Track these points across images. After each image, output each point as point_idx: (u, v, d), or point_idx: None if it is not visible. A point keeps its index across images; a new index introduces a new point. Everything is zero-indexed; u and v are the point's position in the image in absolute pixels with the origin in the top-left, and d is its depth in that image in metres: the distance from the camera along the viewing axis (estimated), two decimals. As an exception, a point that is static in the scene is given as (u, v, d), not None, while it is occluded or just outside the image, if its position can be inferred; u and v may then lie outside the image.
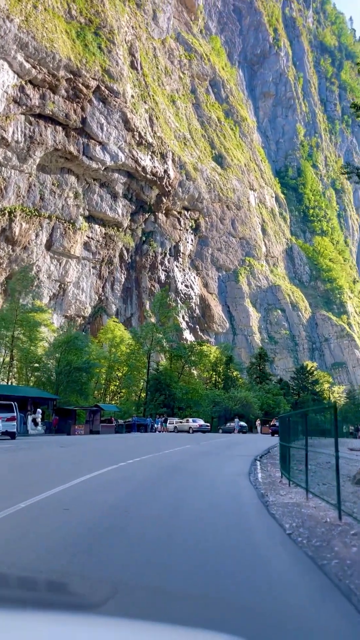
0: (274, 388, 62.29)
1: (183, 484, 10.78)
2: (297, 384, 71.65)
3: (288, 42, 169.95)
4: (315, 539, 6.33)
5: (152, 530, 6.34)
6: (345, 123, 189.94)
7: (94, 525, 6.41)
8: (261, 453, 21.82)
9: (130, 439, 31.74)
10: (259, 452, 22.30)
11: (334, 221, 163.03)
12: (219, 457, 19.37)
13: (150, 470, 13.26)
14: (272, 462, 18.05)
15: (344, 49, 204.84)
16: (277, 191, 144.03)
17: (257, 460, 18.12)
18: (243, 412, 53.06)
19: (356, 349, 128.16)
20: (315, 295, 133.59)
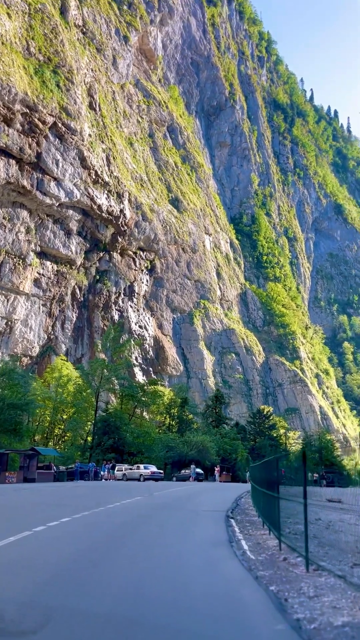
0: (230, 432, 59.48)
1: (128, 573, 6.74)
2: (253, 428, 69.33)
3: (243, 96, 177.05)
4: None
5: None
6: (297, 175, 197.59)
7: None
8: (230, 506, 18.90)
9: (68, 489, 27.82)
10: (226, 504, 19.35)
11: (286, 268, 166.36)
12: (181, 513, 15.88)
13: (79, 541, 9.19)
14: (248, 520, 15.14)
15: (296, 107, 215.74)
16: (232, 237, 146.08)
17: (230, 517, 15.19)
18: (199, 458, 49.64)
19: (309, 394, 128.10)
20: (269, 340, 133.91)
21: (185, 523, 13.16)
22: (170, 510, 16.68)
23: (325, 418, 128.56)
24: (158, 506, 18.10)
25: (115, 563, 7.29)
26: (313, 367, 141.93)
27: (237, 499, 22.44)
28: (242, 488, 34.72)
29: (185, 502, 20.36)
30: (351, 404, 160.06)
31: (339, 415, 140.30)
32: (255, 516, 16.85)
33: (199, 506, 18.81)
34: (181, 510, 16.93)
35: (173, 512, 16.05)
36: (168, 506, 18.18)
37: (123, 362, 57.76)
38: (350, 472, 50.14)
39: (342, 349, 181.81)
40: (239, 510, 18.41)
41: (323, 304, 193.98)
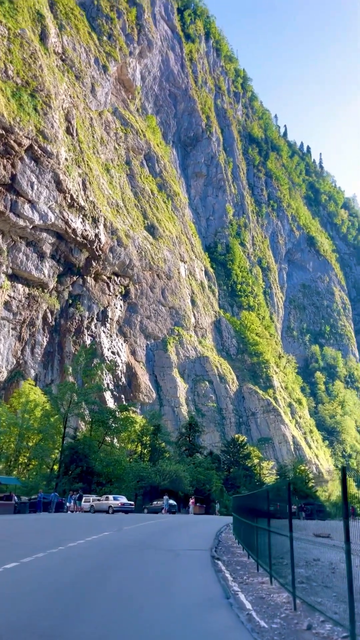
0: (204, 462, 57.56)
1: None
2: (228, 458, 67.71)
3: (219, 129, 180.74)
4: None
5: None
6: (271, 207, 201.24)
7: None
8: (212, 544, 16.87)
9: (27, 523, 25.05)
10: (207, 541, 17.30)
11: (260, 297, 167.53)
12: (157, 555, 13.29)
13: (14, 606, 6.46)
14: (238, 562, 13.25)
15: (270, 142, 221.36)
16: (207, 265, 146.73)
17: (216, 558, 13.21)
18: (172, 488, 47.48)
19: (282, 424, 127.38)
20: (242, 369, 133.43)
21: (165, 569, 10.99)
22: (144, 550, 14.28)
23: (298, 448, 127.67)
24: (129, 545, 15.46)
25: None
26: (286, 397, 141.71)
27: (217, 534, 20.90)
28: (220, 521, 33.23)
29: (160, 539, 18.01)
30: (323, 434, 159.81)
31: (312, 446, 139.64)
32: (244, 555, 15.34)
33: (177, 544, 16.39)
34: (157, 550, 14.48)
35: (148, 553, 13.70)
36: (141, 545, 15.70)
37: (94, 386, 55.54)
38: (327, 503, 48.67)
39: (314, 378, 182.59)
40: (223, 547, 16.71)
41: (296, 333, 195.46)
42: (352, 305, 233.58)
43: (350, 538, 7.53)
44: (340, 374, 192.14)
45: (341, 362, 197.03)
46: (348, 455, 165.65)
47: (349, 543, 7.49)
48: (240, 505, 18.76)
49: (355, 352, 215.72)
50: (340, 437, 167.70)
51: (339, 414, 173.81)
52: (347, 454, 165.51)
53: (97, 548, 14.05)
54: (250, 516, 14.02)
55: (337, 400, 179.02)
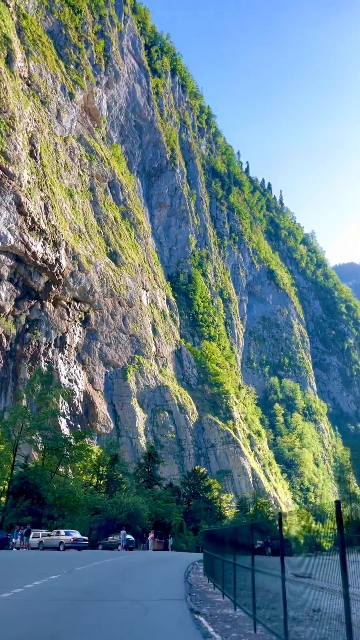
0: (164, 494, 55.05)
1: None
2: (188, 490, 65.40)
3: (184, 161, 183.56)
4: None
5: None
6: (233, 240, 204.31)
7: None
8: (184, 590, 14.26)
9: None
10: (177, 587, 14.61)
11: (221, 328, 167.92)
12: (119, 612, 10.31)
13: None
14: (222, 615, 10.96)
15: (233, 177, 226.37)
16: (169, 294, 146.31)
17: (195, 612, 10.91)
18: (130, 523, 44.74)
19: (241, 456, 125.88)
20: (203, 399, 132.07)
21: (134, 637, 8.23)
22: (101, 603, 11.09)
23: (257, 481, 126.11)
24: (81, 595, 12.22)
25: None
26: (245, 428, 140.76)
27: (185, 575, 18.76)
28: (184, 559, 31.01)
29: (121, 585, 15.19)
30: (282, 467, 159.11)
31: (271, 479, 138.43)
32: (227, 606, 13.16)
33: (142, 592, 13.56)
34: (118, 602, 11.46)
35: (106, 607, 10.58)
36: (96, 594, 12.56)
37: (48, 411, 52.58)
38: (298, 537, 46.33)
39: (273, 410, 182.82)
40: (197, 593, 14.31)
41: (255, 365, 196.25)
42: (310, 338, 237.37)
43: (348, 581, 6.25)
44: (298, 406, 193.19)
45: (299, 394, 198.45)
46: (306, 488, 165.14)
47: (347, 587, 6.22)
48: (218, 540, 16.79)
49: (313, 384, 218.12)
50: (298, 470, 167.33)
51: (297, 446, 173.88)
52: (304, 487, 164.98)
53: (35, 602, 11.00)
54: (234, 553, 12.47)
55: (295, 433, 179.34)
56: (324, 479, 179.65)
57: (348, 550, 6.98)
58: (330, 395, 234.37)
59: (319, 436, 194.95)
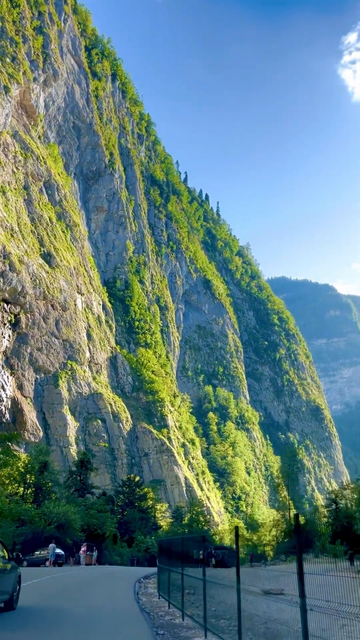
0: (97, 503, 51.70)
1: None
2: (122, 499, 62.43)
3: (122, 167, 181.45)
4: None
5: None
6: (170, 248, 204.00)
7: None
8: (145, 625, 11.11)
9: None
10: (132, 618, 11.56)
11: (157, 335, 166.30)
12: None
13: None
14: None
15: (171, 186, 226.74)
16: (105, 299, 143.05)
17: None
18: (59, 535, 41.10)
19: (175, 465, 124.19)
20: (137, 407, 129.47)
21: None
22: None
23: (190, 490, 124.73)
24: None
25: None
26: (180, 437, 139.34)
27: (136, 599, 15.83)
28: (119, 574, 28.24)
29: (54, 621, 11.18)
30: (214, 476, 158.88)
31: (204, 487, 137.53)
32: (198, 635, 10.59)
33: (90, 632, 9.98)
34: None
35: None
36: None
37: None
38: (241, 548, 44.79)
39: (207, 419, 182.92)
40: (161, 625, 11.27)
41: (190, 373, 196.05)
42: (244, 348, 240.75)
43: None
44: (231, 415, 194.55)
45: (233, 403, 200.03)
46: (238, 497, 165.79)
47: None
48: (174, 553, 13.99)
49: (246, 393, 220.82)
50: (230, 479, 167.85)
51: (230, 455, 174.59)
52: (236, 496, 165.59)
53: None
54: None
55: (228, 442, 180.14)
56: (255, 488, 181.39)
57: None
58: (262, 404, 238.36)
59: (251, 445, 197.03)
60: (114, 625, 11.33)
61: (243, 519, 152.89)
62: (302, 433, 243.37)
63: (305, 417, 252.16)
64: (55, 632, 10.32)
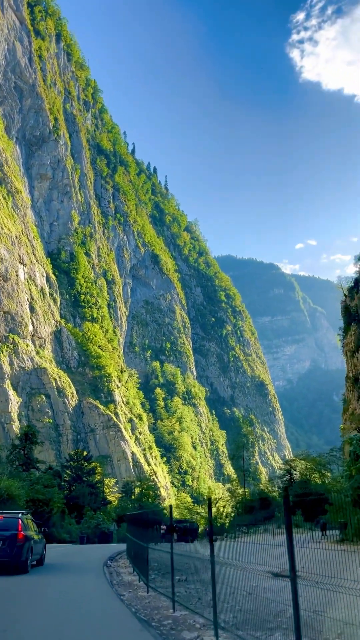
0: (44, 478, 48.59)
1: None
2: (70, 474, 59.42)
3: (67, 134, 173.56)
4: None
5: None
6: (118, 221, 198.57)
7: None
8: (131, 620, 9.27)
9: None
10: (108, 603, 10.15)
11: (104, 310, 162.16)
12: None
13: None
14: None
15: (119, 156, 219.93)
16: (49, 271, 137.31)
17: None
18: (2, 513, 37.99)
19: (122, 440, 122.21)
20: (83, 382, 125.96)
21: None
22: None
23: (137, 465, 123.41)
24: None
25: None
26: (127, 412, 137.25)
27: (113, 589, 13.45)
28: (78, 553, 25.58)
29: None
30: (161, 451, 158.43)
31: (151, 462, 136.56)
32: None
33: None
34: None
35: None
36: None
37: None
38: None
39: (154, 394, 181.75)
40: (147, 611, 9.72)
41: (137, 349, 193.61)
42: (191, 324, 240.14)
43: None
44: (178, 391, 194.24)
45: (180, 378, 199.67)
46: (184, 471, 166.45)
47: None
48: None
49: (193, 369, 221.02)
50: (177, 454, 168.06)
51: (176, 430, 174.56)
52: (183, 470, 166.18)
53: None
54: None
55: (175, 417, 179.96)
56: (201, 462, 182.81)
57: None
58: (209, 380, 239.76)
59: (197, 420, 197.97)
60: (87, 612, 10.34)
61: (189, 492, 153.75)
62: (247, 408, 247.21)
63: (250, 393, 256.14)
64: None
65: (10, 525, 17.12)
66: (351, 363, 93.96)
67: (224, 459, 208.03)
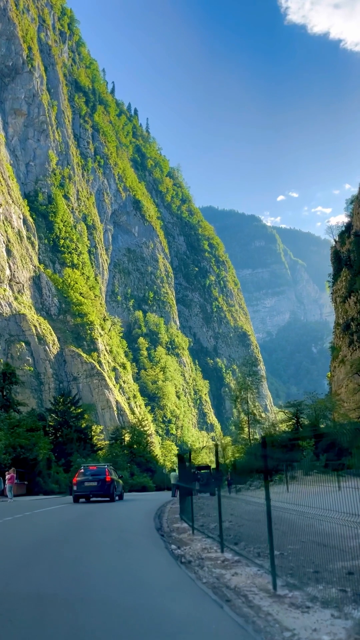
0: (27, 420, 44.16)
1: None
2: (55, 418, 54.98)
3: (43, 66, 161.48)
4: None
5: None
6: (98, 163, 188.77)
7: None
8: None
9: None
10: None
11: (85, 256, 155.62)
12: None
13: None
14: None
15: (98, 94, 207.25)
16: (26, 213, 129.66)
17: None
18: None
19: (106, 389, 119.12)
20: (65, 330, 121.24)
21: None
22: None
23: (121, 414, 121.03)
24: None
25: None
26: (110, 360, 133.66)
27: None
28: (70, 507, 22.02)
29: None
30: (145, 400, 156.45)
31: (135, 411, 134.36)
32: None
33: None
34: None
35: None
36: None
37: None
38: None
39: (137, 344, 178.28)
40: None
41: (120, 298, 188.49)
42: (174, 274, 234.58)
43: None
44: (162, 341, 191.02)
45: (163, 328, 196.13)
46: (168, 420, 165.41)
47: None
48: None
49: (176, 319, 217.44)
50: (160, 403, 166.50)
51: (160, 379, 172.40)
52: (167, 419, 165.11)
53: None
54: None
55: (158, 366, 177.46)
56: (185, 411, 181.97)
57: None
58: (192, 330, 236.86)
59: (180, 369, 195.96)
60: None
61: (174, 441, 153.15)
62: (229, 358, 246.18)
63: (232, 343, 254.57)
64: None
65: (102, 472, 25.23)
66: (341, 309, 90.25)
67: (207, 408, 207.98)
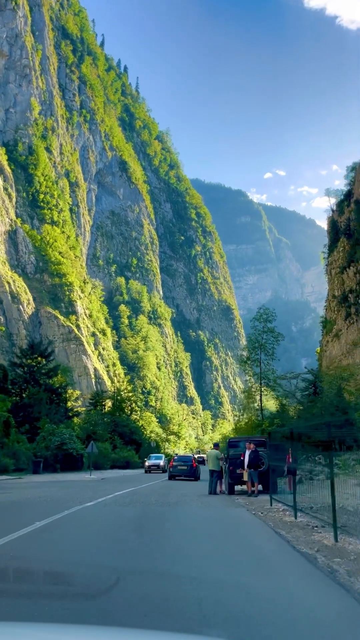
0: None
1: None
2: (21, 374, 46.05)
3: (28, 6, 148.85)
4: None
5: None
6: (84, 118, 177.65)
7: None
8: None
9: None
10: None
11: (66, 214, 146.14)
12: None
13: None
14: None
15: (86, 44, 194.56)
16: (3, 163, 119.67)
17: None
18: None
19: (84, 354, 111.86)
20: (41, 290, 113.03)
21: None
22: None
23: (99, 382, 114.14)
24: None
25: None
26: (90, 325, 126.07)
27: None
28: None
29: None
30: (125, 369, 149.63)
31: (114, 380, 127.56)
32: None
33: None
34: None
35: None
36: None
37: None
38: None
39: (118, 312, 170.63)
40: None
41: (101, 262, 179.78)
42: (159, 242, 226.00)
43: None
44: (144, 309, 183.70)
45: (146, 297, 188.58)
46: (147, 391, 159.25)
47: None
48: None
49: (159, 288, 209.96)
50: (140, 373, 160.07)
51: (141, 349, 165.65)
52: (146, 390, 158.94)
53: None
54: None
55: (140, 335, 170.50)
56: (165, 383, 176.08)
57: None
58: (175, 301, 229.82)
59: (162, 340, 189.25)
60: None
61: (153, 413, 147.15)
62: (212, 332, 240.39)
63: (215, 316, 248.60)
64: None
65: (189, 459, 34.58)
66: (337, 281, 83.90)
67: (188, 381, 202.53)
